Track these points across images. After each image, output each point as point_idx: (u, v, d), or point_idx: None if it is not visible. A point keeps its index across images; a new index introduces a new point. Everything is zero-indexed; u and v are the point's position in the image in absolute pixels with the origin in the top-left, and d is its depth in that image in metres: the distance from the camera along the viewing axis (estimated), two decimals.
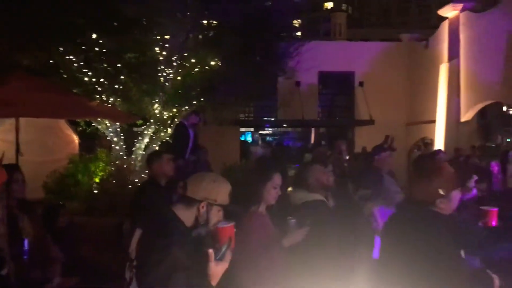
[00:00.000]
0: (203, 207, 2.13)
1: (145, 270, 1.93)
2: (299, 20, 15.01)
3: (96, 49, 8.30)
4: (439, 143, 14.28)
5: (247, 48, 9.91)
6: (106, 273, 5.23)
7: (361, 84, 17.23)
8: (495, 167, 7.46)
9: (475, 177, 3.54)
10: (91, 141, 11.83)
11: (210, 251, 1.94)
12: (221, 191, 2.18)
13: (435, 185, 2.24)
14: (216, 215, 2.17)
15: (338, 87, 18.78)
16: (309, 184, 3.57)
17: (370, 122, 16.34)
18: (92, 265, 5.30)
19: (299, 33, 14.48)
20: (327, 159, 6.08)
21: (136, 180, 9.00)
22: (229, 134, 16.61)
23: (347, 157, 8.32)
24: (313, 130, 20.30)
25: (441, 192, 2.23)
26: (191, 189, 2.14)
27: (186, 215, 2.12)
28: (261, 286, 2.78)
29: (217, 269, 1.96)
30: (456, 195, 2.31)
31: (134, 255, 2.07)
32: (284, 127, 20.40)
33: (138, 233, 2.11)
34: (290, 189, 4.67)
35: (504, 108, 18.96)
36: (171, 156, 4.39)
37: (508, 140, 16.49)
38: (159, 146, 10.12)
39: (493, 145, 20.12)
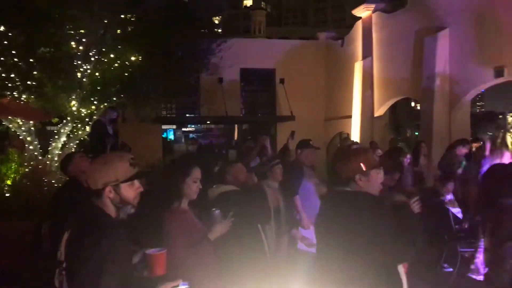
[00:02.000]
0: (110, 191, 2.09)
1: (75, 269, 1.89)
2: (219, 17, 15.04)
3: (5, 42, 7.77)
4: (355, 137, 15.00)
5: (168, 44, 9.80)
6: (23, 281, 4.95)
7: (281, 81, 17.62)
8: (407, 159, 7.97)
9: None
10: (1, 141, 11.05)
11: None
12: (118, 168, 2.12)
13: (357, 160, 2.47)
14: (129, 191, 2.13)
15: (260, 83, 19.06)
16: (227, 180, 3.73)
17: (291, 118, 16.76)
18: (7, 273, 4.99)
19: (220, 30, 14.51)
20: (252, 154, 6.23)
21: (53, 181, 8.56)
22: (151, 132, 16.29)
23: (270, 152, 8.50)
24: (236, 126, 20.45)
25: (362, 166, 2.44)
26: (90, 182, 2.10)
27: (106, 207, 2.09)
28: (193, 285, 2.78)
29: None
30: (374, 175, 2.50)
31: (63, 257, 2.00)
32: (208, 124, 20.35)
33: (65, 235, 2.03)
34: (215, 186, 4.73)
35: (413, 104, 20.40)
36: (83, 154, 4.25)
37: (417, 133, 17.79)
38: (77, 145, 9.70)
39: (403, 139, 21.53)
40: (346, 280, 2.32)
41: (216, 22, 15.14)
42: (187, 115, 18.48)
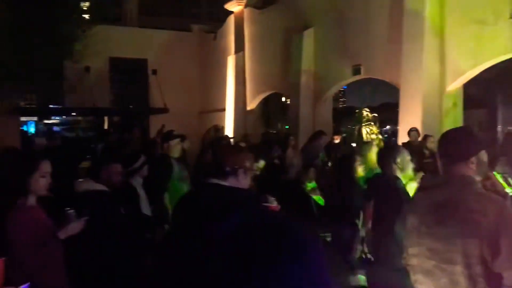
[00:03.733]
0: None
1: None
2: (86, 3, 14.12)
3: None
4: (229, 130, 15.28)
5: (25, 28, 8.96)
6: None
7: (154, 72, 17.17)
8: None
9: None
10: None
11: None
12: None
13: (245, 155, 2.33)
14: None
15: (131, 74, 18.36)
16: (100, 178, 3.54)
17: (165, 110, 16.42)
18: None
19: (86, 16, 13.64)
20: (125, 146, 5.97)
21: None
22: (7, 124, 14.72)
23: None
24: (106, 118, 19.45)
25: (248, 162, 2.42)
26: None
27: None
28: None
29: None
30: (250, 172, 2.49)
31: None
32: (74, 115, 19.08)
33: None
34: (81, 180, 4.43)
35: (283, 99, 21.35)
36: None
37: (287, 127, 18.71)
38: None
39: (274, 132, 22.44)
40: None
41: (85, 8, 14.19)
42: (50, 106, 17.11)
